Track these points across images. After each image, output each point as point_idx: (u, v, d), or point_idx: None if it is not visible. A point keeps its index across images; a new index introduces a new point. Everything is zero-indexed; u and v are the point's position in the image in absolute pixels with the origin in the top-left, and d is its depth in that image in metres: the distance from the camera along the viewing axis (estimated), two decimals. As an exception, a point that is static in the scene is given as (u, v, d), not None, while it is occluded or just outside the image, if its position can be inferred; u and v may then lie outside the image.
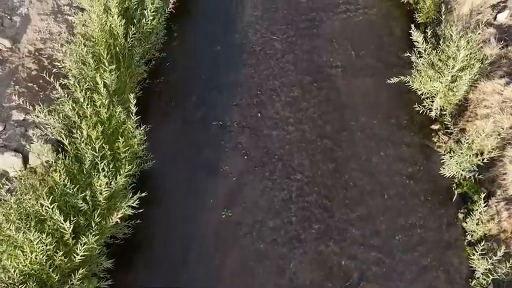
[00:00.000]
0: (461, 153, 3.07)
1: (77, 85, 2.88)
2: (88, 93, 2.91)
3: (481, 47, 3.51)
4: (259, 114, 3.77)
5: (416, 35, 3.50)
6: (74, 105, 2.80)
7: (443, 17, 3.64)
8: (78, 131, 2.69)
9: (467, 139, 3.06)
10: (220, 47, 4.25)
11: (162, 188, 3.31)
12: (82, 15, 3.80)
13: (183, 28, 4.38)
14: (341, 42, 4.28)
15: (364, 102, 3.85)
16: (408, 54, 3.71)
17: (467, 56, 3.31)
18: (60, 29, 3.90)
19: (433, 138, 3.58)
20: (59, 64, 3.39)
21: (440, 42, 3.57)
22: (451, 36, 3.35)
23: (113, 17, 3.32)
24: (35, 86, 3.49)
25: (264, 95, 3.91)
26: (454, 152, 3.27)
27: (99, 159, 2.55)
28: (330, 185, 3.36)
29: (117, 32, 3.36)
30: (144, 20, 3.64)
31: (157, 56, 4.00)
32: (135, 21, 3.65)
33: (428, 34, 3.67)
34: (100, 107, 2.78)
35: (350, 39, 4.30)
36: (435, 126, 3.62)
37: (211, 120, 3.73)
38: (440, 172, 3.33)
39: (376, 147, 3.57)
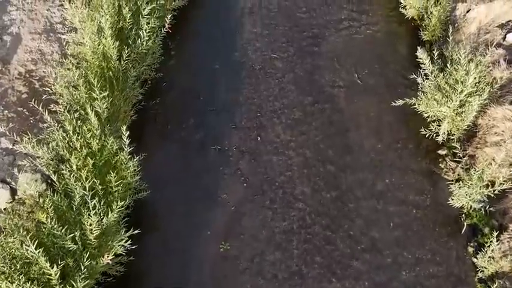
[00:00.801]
0: (471, 184, 2.92)
1: (67, 114, 2.73)
2: (79, 122, 2.76)
3: (490, 69, 3.37)
4: (259, 138, 3.62)
5: (424, 57, 3.36)
6: (64, 134, 2.66)
7: (451, 38, 3.49)
8: (67, 164, 2.55)
9: (478, 170, 2.91)
10: (219, 66, 4.10)
11: (156, 220, 3.16)
12: (75, 34, 3.67)
13: (181, 46, 4.23)
14: (344, 61, 4.13)
15: (368, 124, 3.70)
16: (414, 76, 3.58)
17: (475, 78, 3.17)
18: (53, 49, 3.76)
19: (440, 164, 3.43)
20: (50, 87, 3.25)
21: (448, 65, 3.43)
22: (459, 59, 3.21)
23: (106, 39, 3.18)
24: (25, 110, 3.34)
25: (264, 116, 3.76)
26: (462, 180, 3.13)
27: (89, 197, 2.40)
28: (333, 215, 3.21)
29: (111, 55, 3.22)
30: (139, 40, 3.50)
31: (154, 76, 3.86)
32: (130, 41, 3.51)
33: (435, 54, 3.53)
34: (91, 138, 2.63)
35: (353, 58, 4.15)
36: (442, 152, 3.47)
37: (209, 144, 3.58)
38: (449, 202, 3.18)
39: (381, 173, 3.43)
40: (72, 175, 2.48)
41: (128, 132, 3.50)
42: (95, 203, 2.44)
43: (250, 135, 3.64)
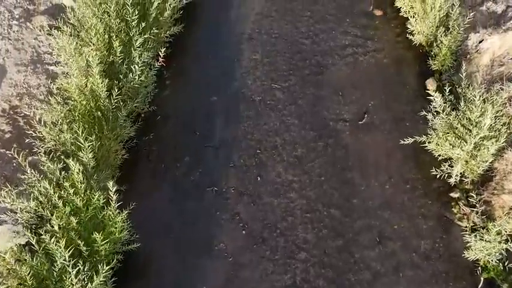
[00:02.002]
0: (489, 239, 2.69)
1: (49, 164, 2.51)
2: (63, 173, 2.54)
3: (507, 107, 3.15)
4: (258, 178, 3.39)
5: (435, 95, 3.13)
6: (44, 190, 2.43)
7: (464, 73, 3.26)
8: (49, 224, 2.32)
9: (496, 225, 2.68)
10: (217, 97, 3.88)
11: (147, 274, 2.92)
12: (63, 66, 3.45)
13: (176, 75, 4.02)
14: (348, 92, 3.91)
15: (375, 163, 3.47)
16: (423, 111, 3.36)
17: (491, 119, 2.95)
18: (39, 82, 3.54)
19: (452, 209, 3.20)
20: (34, 128, 3.03)
21: (460, 102, 3.20)
22: (473, 99, 2.98)
23: (94, 76, 2.96)
24: (7, 152, 3.12)
25: (264, 154, 3.54)
26: (478, 231, 2.91)
27: (71, 264, 2.17)
28: (339, 267, 2.98)
29: (99, 93, 3.00)
30: (131, 75, 3.28)
31: (147, 109, 3.64)
32: (121, 76, 3.30)
33: (446, 91, 3.30)
34: (74, 195, 2.41)
35: (358, 88, 3.93)
36: (455, 195, 3.24)
37: (206, 185, 3.35)
38: (463, 254, 2.95)
39: (389, 218, 3.20)
40: (53, 237, 2.26)
41: (119, 173, 3.33)
42: (78, 269, 2.21)
43: (250, 174, 3.41)
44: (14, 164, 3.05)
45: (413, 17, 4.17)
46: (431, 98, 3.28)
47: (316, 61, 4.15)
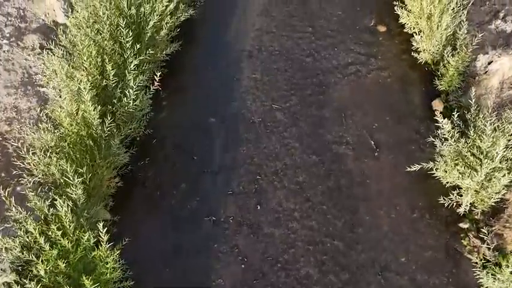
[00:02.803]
0: (502, 279, 2.55)
1: (36, 201, 2.36)
2: (51, 210, 2.39)
3: (518, 134, 3.01)
4: (258, 207, 3.25)
5: (443, 122, 2.99)
6: (33, 231, 2.28)
7: (472, 97, 3.12)
8: (34, 268, 2.18)
9: (509, 265, 2.54)
10: (215, 119, 3.74)
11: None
12: (54, 89, 3.31)
13: (173, 95, 3.87)
14: (351, 113, 3.77)
15: (379, 190, 3.33)
16: (431, 138, 3.22)
17: (504, 150, 2.81)
18: (30, 105, 3.39)
19: (462, 240, 3.05)
20: (23, 158, 2.88)
21: (470, 128, 3.06)
22: (484, 128, 2.84)
23: (85, 103, 2.81)
24: (-5, 182, 2.99)
25: (264, 180, 3.39)
26: (489, 267, 2.76)
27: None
28: (343, 304, 2.84)
29: (91, 121, 2.86)
30: (125, 99, 3.14)
31: (143, 133, 3.50)
32: (114, 100, 3.16)
33: (455, 116, 3.16)
34: (62, 237, 2.27)
35: (362, 109, 3.79)
36: (464, 225, 3.10)
37: (203, 214, 3.20)
38: (474, 289, 2.82)
39: (395, 250, 3.05)
40: (39, 284, 2.11)
41: (113, 202, 3.18)
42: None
43: (249, 202, 3.27)
44: (2, 195, 2.91)
45: (419, 34, 4.04)
46: (437, 118, 3.14)
47: (318, 80, 4.01)
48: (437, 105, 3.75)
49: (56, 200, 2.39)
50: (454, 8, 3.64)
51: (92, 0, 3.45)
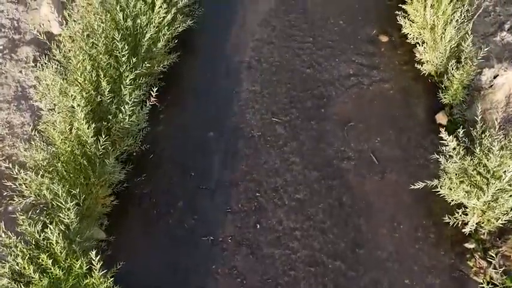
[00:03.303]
0: (512, 306, 2.46)
1: (27, 226, 2.27)
2: (42, 235, 2.30)
3: (526, 152, 2.92)
4: (258, 226, 3.15)
5: (448, 140, 2.90)
6: (21, 261, 2.19)
7: (478, 113, 3.02)
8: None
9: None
10: (214, 133, 3.65)
11: None
12: (48, 103, 3.22)
13: (171, 108, 3.79)
14: (353, 126, 3.68)
15: (382, 207, 3.24)
16: (435, 155, 3.12)
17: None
18: (23, 120, 3.31)
19: (468, 262, 2.96)
20: (13, 180, 2.79)
21: (476, 145, 2.97)
22: (491, 148, 2.75)
23: (79, 121, 2.72)
24: (-14, 202, 2.90)
25: (263, 197, 3.30)
26: (497, 290, 2.68)
27: None
28: (345, 329, 2.75)
29: (86, 139, 2.77)
30: (121, 115, 3.05)
31: (139, 148, 3.41)
32: (110, 116, 3.07)
33: (460, 132, 3.06)
34: (53, 265, 2.18)
35: (364, 122, 3.70)
36: (470, 245, 3.01)
37: (201, 233, 3.11)
38: (481, 314, 2.72)
39: (399, 271, 2.96)
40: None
41: (108, 222, 3.10)
42: None
43: (248, 221, 3.17)
44: (-7, 216, 2.82)
45: (422, 45, 3.95)
46: (442, 135, 3.05)
47: (319, 92, 3.92)
48: (441, 118, 3.66)
49: (48, 225, 2.30)
50: (458, 20, 3.55)
51: (87, 12, 3.38)
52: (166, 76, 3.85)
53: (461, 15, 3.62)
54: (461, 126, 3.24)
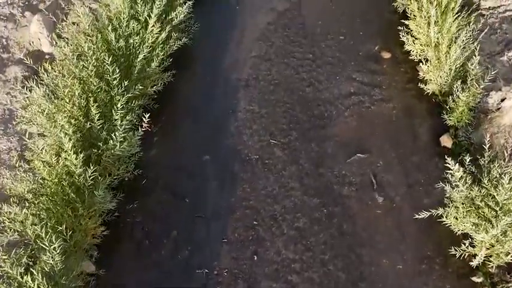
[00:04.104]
0: None
1: (9, 269, 2.13)
2: (25, 278, 2.16)
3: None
4: (255, 257, 3.01)
5: (454, 169, 2.76)
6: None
7: (486, 140, 2.89)
8: None
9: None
10: (209, 156, 3.51)
11: None
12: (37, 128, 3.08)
13: (165, 130, 3.65)
14: (354, 149, 3.54)
15: (385, 237, 3.10)
16: (441, 184, 2.99)
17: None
18: (10, 145, 3.17)
19: (475, 297, 2.83)
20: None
21: (484, 175, 2.83)
22: (500, 179, 2.61)
23: (67, 152, 2.58)
24: (-32, 235, 2.75)
25: (261, 225, 3.16)
26: (508, 331, 2.54)
27: None
28: None
29: (74, 170, 2.63)
30: (112, 142, 2.91)
31: (131, 173, 3.27)
32: (100, 144, 2.93)
33: (467, 160, 2.93)
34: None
35: (365, 145, 3.56)
36: (477, 279, 2.86)
37: (195, 266, 2.97)
38: None
39: (403, 307, 2.83)
40: None
41: (98, 254, 2.97)
42: None
43: (245, 252, 3.03)
44: (-25, 251, 2.68)
45: (425, 63, 3.82)
46: (448, 159, 2.90)
47: (319, 112, 3.78)
48: (446, 141, 3.52)
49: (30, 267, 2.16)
50: (463, 40, 3.41)
51: (77, 31, 3.24)
52: (160, 96, 3.71)
53: (466, 33, 3.49)
54: (467, 151, 3.12)
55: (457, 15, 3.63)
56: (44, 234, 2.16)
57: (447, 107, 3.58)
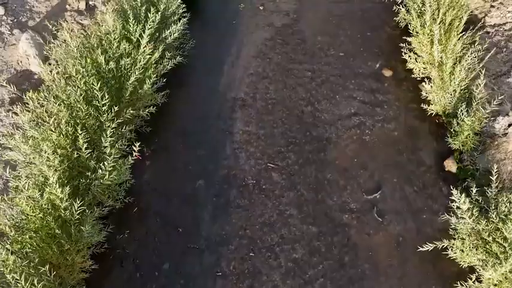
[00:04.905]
0: None
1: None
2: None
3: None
4: (251, 292, 2.88)
5: (461, 202, 2.62)
6: None
7: (495, 175, 2.75)
8: None
9: None
10: (204, 181, 3.37)
11: None
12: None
13: (158, 154, 3.50)
14: (355, 173, 3.41)
15: (387, 269, 2.96)
16: (446, 216, 2.85)
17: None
18: (-5, 171, 3.04)
19: (483, 336, 2.69)
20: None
21: (491, 208, 2.70)
22: (509, 213, 2.48)
23: (51, 186, 2.44)
24: None
25: (257, 257, 3.02)
26: None
27: None
28: None
29: (59, 204, 2.49)
30: (100, 171, 2.77)
31: (122, 201, 3.13)
32: (88, 173, 2.79)
33: (473, 192, 2.79)
34: None
35: (367, 169, 3.42)
36: (484, 316, 2.73)
37: (189, 301, 2.84)
38: None
39: None
40: None
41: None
42: None
43: (241, 286, 2.90)
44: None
45: (428, 82, 3.69)
46: (454, 191, 2.78)
47: (318, 134, 3.65)
48: (450, 165, 3.38)
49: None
50: (468, 61, 3.28)
51: (66, 53, 3.11)
52: (153, 117, 3.56)
53: (471, 54, 3.35)
54: (472, 177, 2.99)
55: (461, 34, 3.50)
56: (23, 282, 2.02)
57: (451, 130, 3.45)
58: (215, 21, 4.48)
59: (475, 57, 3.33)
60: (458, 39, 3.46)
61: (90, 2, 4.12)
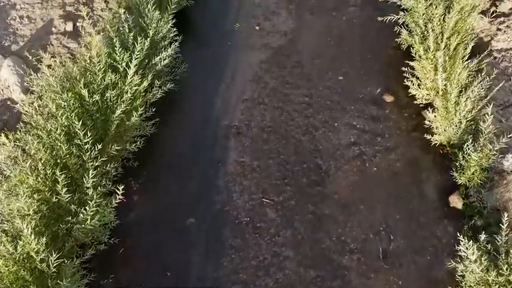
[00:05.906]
0: None
1: None
2: None
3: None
4: None
5: (468, 251, 2.43)
6: None
7: (505, 223, 2.56)
8: None
9: None
10: (194, 219, 3.18)
11: None
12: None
13: (146, 188, 3.30)
14: (355, 209, 3.22)
15: (390, 317, 2.78)
16: (452, 263, 2.67)
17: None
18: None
19: None
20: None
21: (501, 259, 2.51)
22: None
23: (26, 237, 2.25)
24: None
25: (251, 304, 2.84)
26: None
27: None
28: None
29: (35, 257, 2.30)
30: (82, 215, 2.58)
31: (107, 241, 2.93)
32: (69, 218, 2.59)
33: (481, 238, 2.60)
34: None
35: (367, 204, 3.23)
36: None
37: None
38: None
39: None
40: None
41: None
42: None
43: (233, 338, 2.72)
44: None
45: (432, 111, 3.49)
46: (462, 240, 2.60)
47: (316, 165, 3.46)
48: (456, 201, 3.19)
49: None
50: (474, 92, 3.10)
51: (48, 85, 2.92)
52: (142, 147, 3.37)
53: (477, 83, 3.17)
54: (479, 214, 2.81)
55: (467, 61, 3.33)
56: None
57: (457, 164, 3.26)
58: (209, 42, 4.29)
59: (482, 88, 3.15)
60: (464, 66, 3.28)
61: (78, 24, 3.93)
